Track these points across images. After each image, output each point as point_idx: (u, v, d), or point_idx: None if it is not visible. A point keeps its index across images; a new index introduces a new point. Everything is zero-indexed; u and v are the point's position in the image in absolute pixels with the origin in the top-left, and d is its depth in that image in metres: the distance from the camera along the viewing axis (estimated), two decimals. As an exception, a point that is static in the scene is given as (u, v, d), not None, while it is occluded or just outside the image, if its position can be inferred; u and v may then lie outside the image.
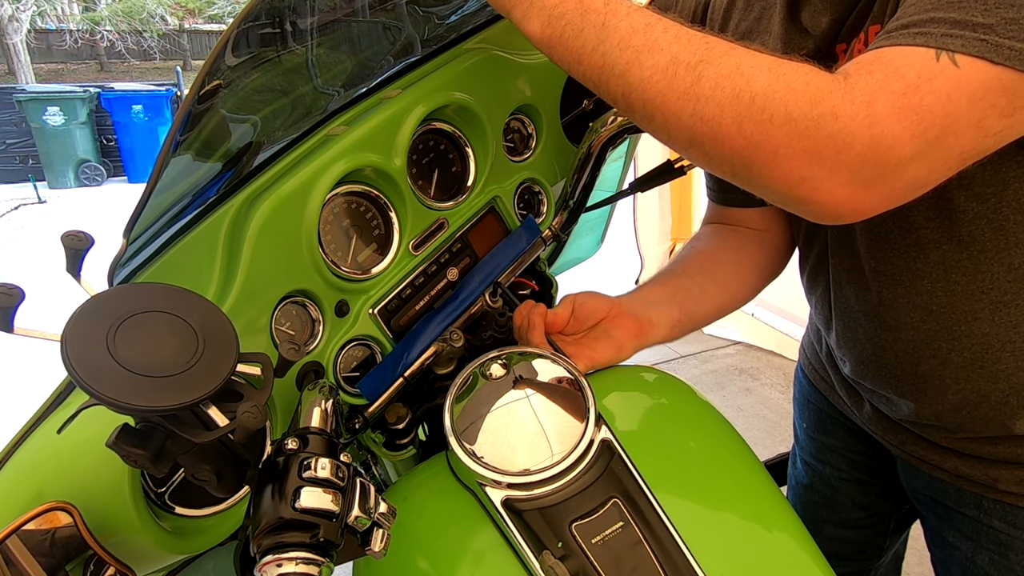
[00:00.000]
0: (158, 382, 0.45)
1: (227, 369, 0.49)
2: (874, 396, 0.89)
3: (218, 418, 0.49)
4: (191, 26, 18.69)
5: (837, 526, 1.11)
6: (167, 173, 0.61)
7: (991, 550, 0.83)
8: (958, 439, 0.81)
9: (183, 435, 0.48)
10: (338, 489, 0.55)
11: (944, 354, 0.75)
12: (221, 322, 0.51)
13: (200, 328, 0.49)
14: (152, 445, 0.49)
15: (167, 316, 0.49)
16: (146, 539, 0.61)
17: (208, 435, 0.49)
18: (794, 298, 3.60)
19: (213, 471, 0.53)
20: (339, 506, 0.54)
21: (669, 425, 0.83)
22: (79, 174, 8.23)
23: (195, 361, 0.48)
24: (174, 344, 0.48)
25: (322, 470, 0.54)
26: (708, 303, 0.92)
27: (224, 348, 0.50)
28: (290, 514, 0.52)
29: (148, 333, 0.48)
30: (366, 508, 0.56)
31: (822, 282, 0.90)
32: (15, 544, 0.53)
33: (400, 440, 0.87)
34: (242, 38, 0.67)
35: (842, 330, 0.88)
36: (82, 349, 0.45)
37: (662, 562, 0.66)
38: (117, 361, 0.45)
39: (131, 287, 0.51)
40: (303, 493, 0.53)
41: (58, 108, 7.83)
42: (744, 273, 0.97)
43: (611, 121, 0.82)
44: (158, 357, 0.47)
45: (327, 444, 0.58)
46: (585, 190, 1.02)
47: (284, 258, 0.74)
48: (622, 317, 0.83)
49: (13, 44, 13.79)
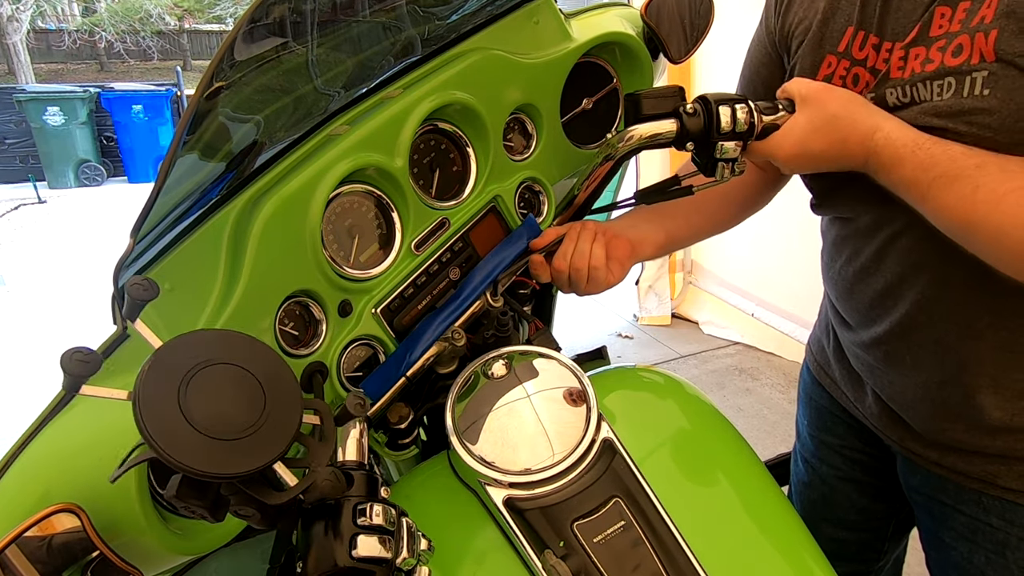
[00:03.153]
0: (231, 445, 0.45)
1: (294, 426, 0.49)
2: (878, 374, 0.89)
3: (287, 477, 0.50)
4: (191, 26, 18.69)
5: (835, 525, 1.12)
6: (173, 172, 0.61)
7: (988, 549, 0.84)
8: (956, 430, 0.81)
9: (256, 496, 0.49)
10: (388, 533, 0.55)
11: (980, 328, 0.75)
12: (283, 372, 0.51)
13: (264, 380, 0.49)
14: (210, 495, 0.49)
15: (232, 368, 0.49)
16: (153, 540, 0.61)
17: (280, 497, 0.49)
18: (794, 298, 3.58)
19: (258, 508, 0.53)
20: (390, 551, 0.54)
21: (670, 425, 0.83)
22: (79, 174, 8.22)
23: (264, 419, 0.48)
24: (242, 401, 0.48)
25: (376, 517, 0.55)
26: (691, 230, 1.01)
27: (289, 402, 0.50)
28: (346, 561, 0.52)
29: (217, 389, 0.47)
30: (413, 550, 0.56)
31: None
32: (13, 552, 0.53)
33: (402, 440, 0.87)
34: (248, 38, 0.67)
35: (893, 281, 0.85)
36: (155, 411, 0.44)
37: (663, 561, 0.66)
38: (191, 424, 0.45)
39: (195, 336, 0.50)
40: (359, 542, 0.53)
41: (58, 108, 7.83)
42: (731, 206, 1.03)
43: (629, 138, 0.82)
44: (229, 417, 0.46)
45: (369, 482, 0.59)
46: (591, 197, 1.03)
47: (288, 258, 0.74)
48: (617, 239, 0.92)
49: (13, 44, 13.78)
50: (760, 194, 1.04)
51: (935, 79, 0.69)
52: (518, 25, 1.00)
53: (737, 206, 1.03)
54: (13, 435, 0.65)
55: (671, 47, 1.09)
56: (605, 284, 0.91)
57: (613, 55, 1.09)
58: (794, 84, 0.76)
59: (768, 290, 3.30)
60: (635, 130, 0.81)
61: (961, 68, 0.66)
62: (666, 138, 0.80)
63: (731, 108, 0.75)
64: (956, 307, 0.76)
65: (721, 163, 0.78)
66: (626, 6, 1.19)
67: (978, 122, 0.66)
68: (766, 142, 0.76)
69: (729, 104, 0.75)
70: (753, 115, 0.75)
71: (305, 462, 0.53)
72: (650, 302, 3.73)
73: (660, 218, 0.97)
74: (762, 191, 1.04)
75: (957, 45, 0.66)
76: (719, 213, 1.02)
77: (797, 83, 0.76)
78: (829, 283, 0.95)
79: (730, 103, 0.75)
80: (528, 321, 0.96)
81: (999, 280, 0.70)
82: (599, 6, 1.16)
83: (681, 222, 0.99)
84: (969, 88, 0.66)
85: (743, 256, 3.35)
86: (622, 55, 1.09)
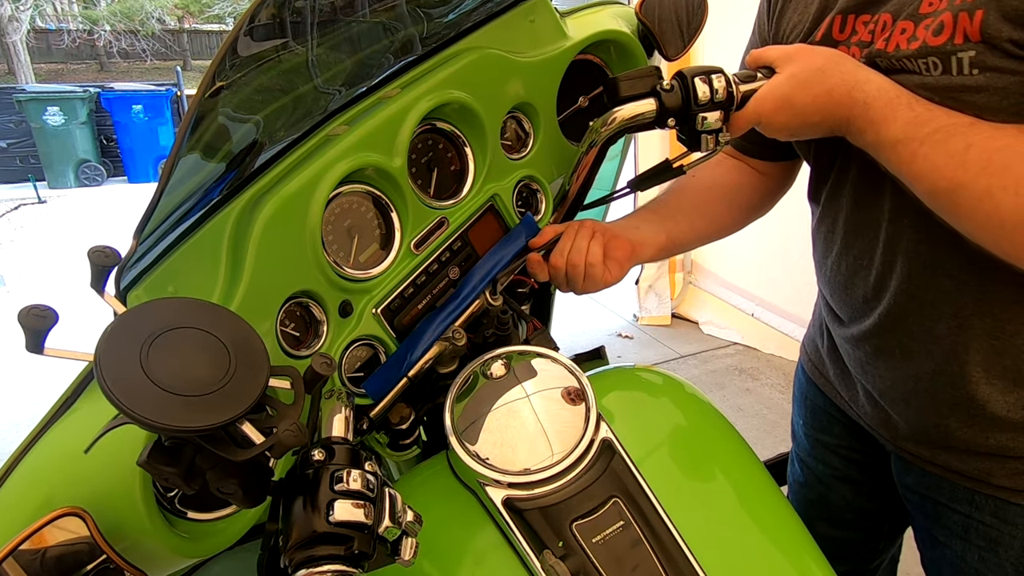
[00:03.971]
0: (193, 401, 0.45)
1: (260, 385, 0.49)
2: (870, 369, 0.89)
3: (253, 435, 0.49)
4: (191, 26, 18.69)
5: (831, 525, 1.12)
6: (175, 173, 0.61)
7: (981, 547, 0.84)
8: (948, 424, 0.81)
9: (220, 453, 0.48)
10: (369, 500, 0.55)
11: (966, 316, 0.75)
12: (251, 337, 0.51)
13: (230, 343, 0.49)
14: (183, 462, 0.49)
15: (197, 332, 0.49)
16: (158, 543, 0.61)
17: (246, 453, 0.49)
18: (794, 298, 3.58)
19: (239, 484, 0.53)
20: (371, 518, 0.54)
21: (670, 425, 0.83)
22: (79, 174, 8.23)
23: (228, 378, 0.47)
24: (206, 361, 0.48)
25: (354, 482, 0.55)
26: (694, 234, 1.00)
27: (255, 363, 0.50)
28: (324, 527, 0.52)
29: (180, 350, 0.47)
30: (396, 518, 0.56)
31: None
32: (10, 566, 0.52)
33: (404, 440, 0.87)
34: (248, 38, 0.67)
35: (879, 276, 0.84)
36: (116, 369, 0.44)
37: (663, 561, 0.66)
38: (152, 380, 0.45)
39: (159, 303, 0.50)
40: (336, 506, 0.53)
41: (58, 108, 7.83)
42: (734, 210, 1.03)
43: (611, 120, 0.82)
44: (191, 375, 0.46)
45: (352, 454, 0.58)
46: (583, 188, 1.03)
47: (288, 259, 0.74)
48: (617, 239, 0.91)
49: (13, 44, 13.78)
50: (762, 199, 1.04)
51: (919, 57, 0.67)
52: (514, 24, 1.00)
53: (740, 210, 1.03)
54: (15, 434, 0.65)
55: (666, 45, 1.09)
56: (602, 282, 0.90)
57: (609, 53, 1.09)
58: (772, 49, 0.76)
59: (768, 290, 3.30)
60: (615, 112, 0.82)
61: (944, 48, 0.65)
62: (647, 117, 0.81)
63: (707, 80, 0.75)
64: (942, 295, 0.75)
65: (705, 135, 0.78)
66: (621, 4, 1.19)
67: (966, 99, 0.65)
68: (747, 107, 0.76)
69: (705, 76, 0.76)
70: (731, 84, 0.76)
71: (274, 423, 0.53)
72: (650, 302, 3.74)
73: (662, 220, 0.97)
74: (764, 196, 1.04)
75: (939, 23, 0.65)
76: (722, 217, 1.02)
77: (775, 48, 0.76)
78: (822, 279, 0.96)
79: (706, 75, 0.76)
80: (526, 321, 0.96)
81: (985, 267, 0.70)
82: (594, 4, 1.16)
83: (683, 225, 0.98)
84: (957, 67, 0.65)
85: (743, 256, 3.35)
86: (617, 53, 1.09)
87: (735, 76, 0.76)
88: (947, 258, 0.73)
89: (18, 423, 2.89)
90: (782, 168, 1.01)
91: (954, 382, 0.78)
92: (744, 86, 0.76)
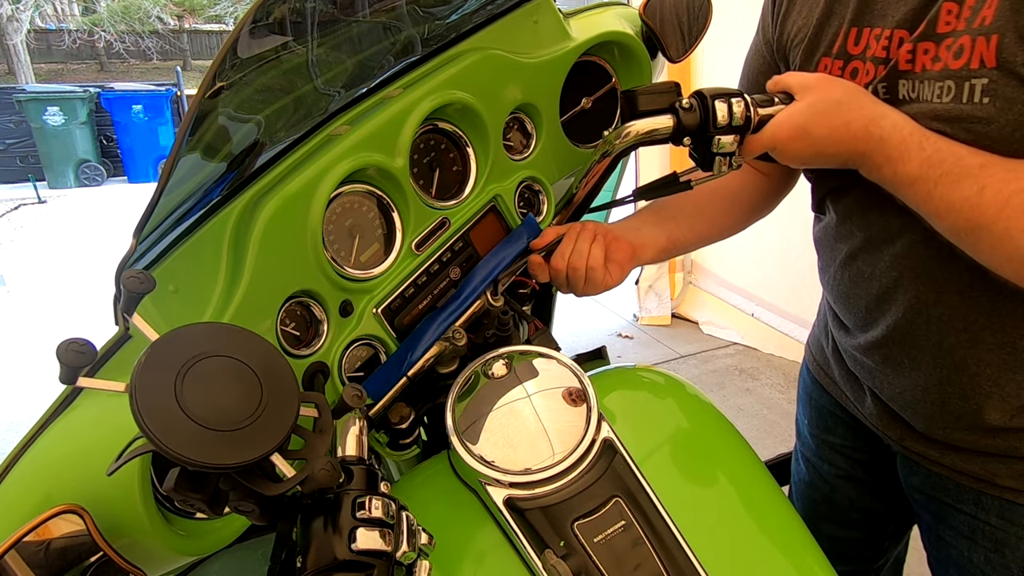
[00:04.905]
0: (227, 436, 0.45)
1: (291, 418, 0.49)
2: (878, 375, 0.89)
3: (284, 468, 0.49)
4: (191, 26, 18.68)
5: (836, 525, 1.12)
6: (175, 172, 0.61)
7: (987, 548, 0.84)
8: (957, 430, 0.81)
9: (252, 488, 0.49)
10: (388, 527, 0.55)
11: (976, 330, 0.75)
12: (279, 364, 0.51)
13: (261, 371, 0.49)
14: (208, 488, 0.49)
15: (228, 360, 0.49)
16: (156, 541, 0.61)
17: (278, 488, 0.49)
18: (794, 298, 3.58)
19: (257, 503, 0.53)
20: (390, 544, 0.54)
21: (671, 424, 0.83)
22: (79, 174, 8.22)
23: (261, 410, 0.48)
24: (238, 392, 0.48)
25: (376, 510, 0.55)
26: (695, 235, 1.01)
27: (285, 392, 0.50)
28: (346, 555, 0.52)
29: (212, 381, 0.47)
30: (413, 544, 0.56)
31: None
32: (13, 557, 0.53)
33: (403, 440, 0.87)
34: (249, 38, 0.67)
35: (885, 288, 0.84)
36: (151, 403, 0.44)
37: (664, 561, 0.66)
38: (187, 414, 0.45)
39: (191, 329, 0.50)
40: (359, 535, 0.53)
41: (58, 108, 7.83)
42: (735, 212, 1.03)
43: (626, 134, 0.82)
44: (224, 406, 0.46)
45: (369, 476, 0.59)
46: (591, 194, 1.03)
47: (289, 258, 0.74)
48: (618, 241, 0.91)
49: (13, 44, 13.78)
50: (764, 200, 1.04)
51: (938, 80, 0.68)
52: (517, 24, 1.00)
53: (741, 212, 1.03)
54: (14, 434, 0.65)
55: (669, 46, 1.09)
56: (603, 285, 0.90)
57: (612, 54, 1.09)
58: (792, 76, 0.76)
59: (768, 290, 3.30)
60: (632, 126, 0.81)
61: (960, 72, 0.65)
62: (663, 134, 0.80)
63: (727, 102, 0.75)
64: (952, 310, 0.76)
65: (718, 157, 0.78)
66: (625, 5, 1.20)
67: (976, 130, 0.65)
68: (763, 132, 0.76)
69: (725, 98, 0.75)
70: (749, 108, 0.75)
71: (303, 455, 0.53)
72: (650, 302, 3.74)
73: (663, 222, 0.97)
74: (766, 197, 1.04)
75: (959, 47, 0.65)
76: (723, 218, 1.02)
77: (795, 75, 0.76)
78: (826, 287, 0.95)
79: (726, 97, 0.75)
80: (528, 321, 0.96)
81: (994, 283, 0.70)
82: (598, 5, 1.16)
83: (684, 227, 0.98)
84: (968, 95, 0.65)
85: (743, 256, 3.35)
86: (621, 54, 1.09)
87: (753, 100, 0.76)
88: (957, 274, 0.73)
89: (18, 423, 2.90)
90: (784, 170, 1.01)
91: (964, 393, 0.78)
92: (762, 110, 0.76)
